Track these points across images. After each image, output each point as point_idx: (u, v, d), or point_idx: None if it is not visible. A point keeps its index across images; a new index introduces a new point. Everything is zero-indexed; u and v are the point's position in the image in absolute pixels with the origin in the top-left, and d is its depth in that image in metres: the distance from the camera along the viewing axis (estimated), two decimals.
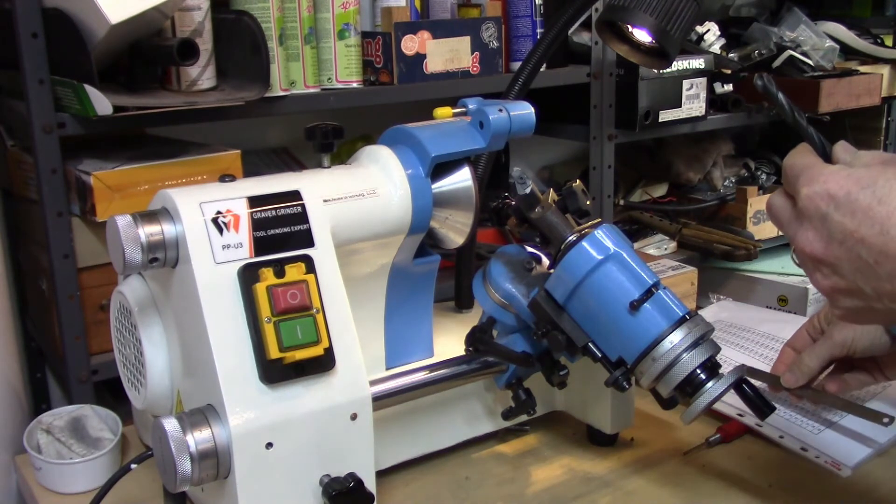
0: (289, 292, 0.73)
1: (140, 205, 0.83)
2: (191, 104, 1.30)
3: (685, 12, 0.92)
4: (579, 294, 0.77)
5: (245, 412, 0.71)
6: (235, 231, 0.74)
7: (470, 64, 1.65)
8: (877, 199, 0.59)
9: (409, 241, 0.86)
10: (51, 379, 1.70)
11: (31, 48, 1.22)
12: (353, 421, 0.75)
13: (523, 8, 1.76)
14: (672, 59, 0.96)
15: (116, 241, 0.72)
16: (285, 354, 0.71)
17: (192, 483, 0.70)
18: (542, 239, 0.82)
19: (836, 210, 0.61)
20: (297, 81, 1.48)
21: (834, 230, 0.61)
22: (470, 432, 0.94)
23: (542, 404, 0.94)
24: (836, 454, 0.90)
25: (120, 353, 0.86)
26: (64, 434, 0.93)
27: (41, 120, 1.25)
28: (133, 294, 0.80)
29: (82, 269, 1.32)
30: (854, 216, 0.60)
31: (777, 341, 1.12)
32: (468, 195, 0.87)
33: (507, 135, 0.87)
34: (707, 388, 0.74)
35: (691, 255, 1.99)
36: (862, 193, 0.60)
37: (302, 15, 1.46)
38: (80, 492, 0.89)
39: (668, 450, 0.95)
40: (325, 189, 0.80)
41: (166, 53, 1.25)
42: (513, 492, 0.88)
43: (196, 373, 0.75)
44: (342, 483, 0.73)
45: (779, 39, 2.13)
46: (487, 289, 0.88)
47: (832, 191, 0.61)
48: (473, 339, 0.89)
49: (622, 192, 2.14)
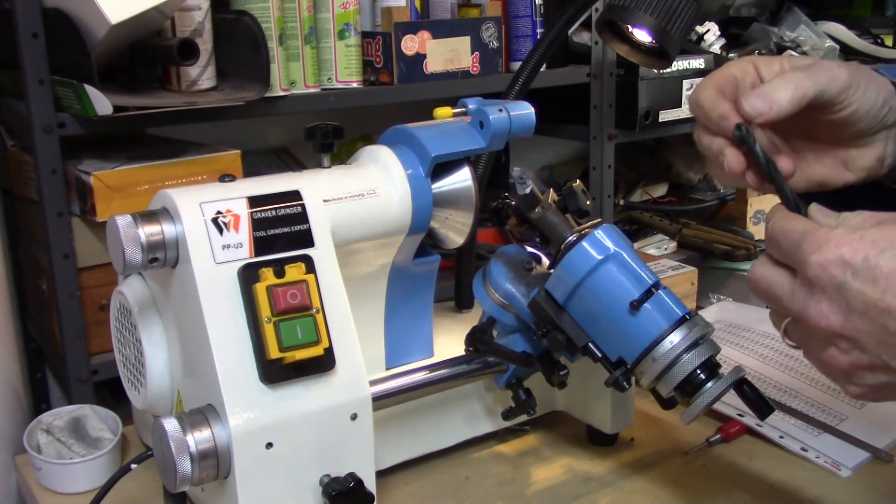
0: (289, 292, 0.73)
1: (140, 205, 0.83)
2: (191, 104, 1.30)
3: (685, 12, 0.92)
4: (579, 294, 0.77)
5: (245, 412, 0.71)
6: (235, 231, 0.74)
7: (470, 64, 1.65)
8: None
9: (409, 241, 0.86)
10: (51, 379, 1.70)
11: (31, 48, 1.22)
12: (353, 421, 0.75)
13: (523, 8, 1.76)
14: (672, 59, 0.96)
15: (116, 241, 0.72)
16: (285, 354, 0.71)
17: (192, 483, 0.70)
18: (542, 239, 0.82)
19: (854, 278, 0.54)
20: (297, 81, 1.48)
21: (854, 300, 0.54)
22: (470, 432, 0.94)
23: (542, 404, 0.94)
24: (835, 455, 0.90)
25: (120, 353, 0.86)
26: (64, 434, 0.93)
27: (41, 120, 1.25)
28: (133, 294, 0.80)
29: (82, 269, 1.33)
30: (876, 283, 0.54)
31: (777, 341, 1.12)
32: (468, 195, 0.87)
33: (507, 135, 0.87)
34: (707, 388, 0.74)
35: (691, 255, 1.99)
36: (882, 258, 0.54)
37: (302, 15, 1.46)
38: (80, 492, 0.89)
39: (668, 450, 0.95)
40: (325, 189, 0.80)
41: (166, 53, 1.25)
42: (513, 492, 0.88)
43: (196, 373, 0.75)
44: (342, 483, 0.73)
45: (779, 39, 2.13)
46: (487, 289, 0.88)
47: (847, 256, 0.55)
48: (473, 339, 0.89)
49: (622, 192, 2.14)
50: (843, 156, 0.71)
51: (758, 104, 0.65)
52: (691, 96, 0.70)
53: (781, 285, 0.59)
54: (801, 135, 0.72)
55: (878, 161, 0.70)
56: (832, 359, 0.57)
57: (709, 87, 0.68)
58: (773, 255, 0.60)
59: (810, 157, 0.72)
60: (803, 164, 0.71)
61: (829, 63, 0.67)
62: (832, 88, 0.65)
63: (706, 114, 0.67)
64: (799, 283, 0.57)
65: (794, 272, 0.58)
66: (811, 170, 0.72)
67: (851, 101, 0.67)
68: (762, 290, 0.60)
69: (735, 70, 0.69)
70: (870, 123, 0.68)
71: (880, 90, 0.68)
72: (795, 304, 0.57)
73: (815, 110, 0.67)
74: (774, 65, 0.69)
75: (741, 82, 0.68)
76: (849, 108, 0.67)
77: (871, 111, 0.68)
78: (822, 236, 0.56)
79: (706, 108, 0.67)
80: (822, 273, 0.55)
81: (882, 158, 0.70)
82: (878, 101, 0.68)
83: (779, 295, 0.59)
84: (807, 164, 0.72)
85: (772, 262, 0.60)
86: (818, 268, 0.55)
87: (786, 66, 0.68)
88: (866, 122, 0.68)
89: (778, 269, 0.59)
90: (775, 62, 0.69)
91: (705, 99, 0.68)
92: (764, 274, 0.60)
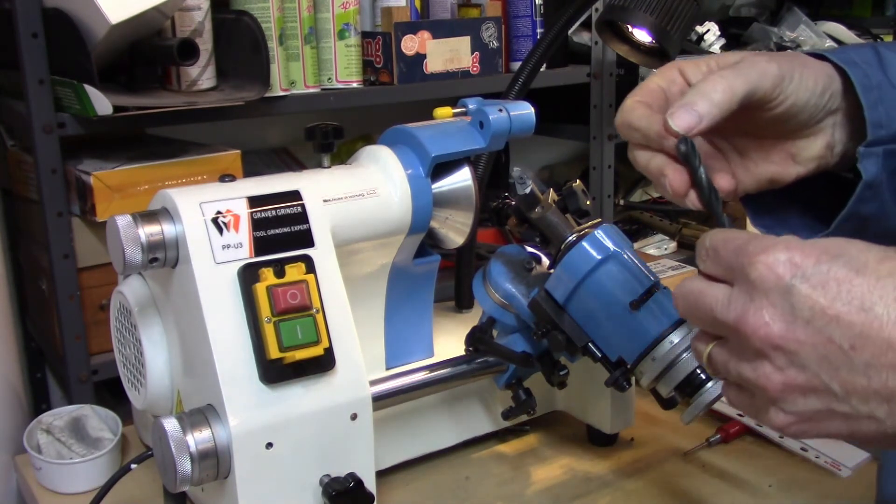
0: (289, 292, 0.73)
1: (140, 205, 0.83)
2: (191, 104, 1.30)
3: (685, 12, 0.92)
4: (579, 294, 0.77)
5: (245, 412, 0.71)
6: (235, 231, 0.74)
7: (470, 64, 1.65)
8: (854, 270, 0.48)
9: (409, 241, 0.86)
10: (51, 379, 1.70)
11: (31, 48, 1.22)
12: (353, 421, 0.75)
13: (523, 8, 1.76)
14: (672, 59, 0.96)
15: (116, 241, 0.72)
16: (285, 354, 0.71)
17: (192, 483, 0.70)
18: (542, 239, 0.82)
19: (803, 281, 0.48)
20: (297, 81, 1.48)
21: (800, 306, 0.48)
22: (470, 432, 0.94)
23: (542, 404, 0.94)
24: (835, 455, 0.90)
25: (120, 353, 0.86)
26: (64, 434, 0.93)
27: (41, 120, 1.25)
28: (133, 294, 0.80)
29: (82, 269, 1.32)
30: (827, 289, 0.47)
31: None
32: (468, 195, 0.87)
33: (507, 135, 0.87)
34: (707, 388, 0.74)
35: (691, 255, 1.98)
36: (835, 263, 0.48)
37: (302, 15, 1.46)
38: (80, 492, 0.89)
39: (668, 450, 0.95)
40: (325, 189, 0.80)
41: (166, 53, 1.25)
42: (513, 492, 0.88)
43: (196, 373, 0.75)
44: (342, 483, 0.73)
45: (779, 39, 2.13)
46: (487, 289, 0.88)
47: (797, 259, 0.49)
48: (473, 339, 0.89)
49: (622, 192, 2.14)
50: (790, 149, 0.66)
51: (684, 118, 0.58)
52: (618, 119, 0.63)
53: (715, 296, 0.51)
54: (742, 133, 0.67)
55: (828, 149, 0.66)
56: (763, 378, 0.49)
57: (637, 106, 0.62)
58: (708, 271, 0.53)
59: (756, 156, 0.67)
60: (749, 164, 0.67)
61: (758, 57, 0.62)
62: (764, 84, 0.60)
63: (644, 134, 0.61)
64: (738, 290, 0.51)
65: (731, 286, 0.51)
66: (759, 168, 0.67)
67: (787, 95, 0.62)
68: (691, 304, 0.53)
69: (659, 81, 0.64)
70: (812, 113, 0.64)
71: (818, 76, 0.63)
72: (731, 312, 0.50)
73: (750, 109, 0.62)
74: (701, 66, 0.64)
75: (668, 92, 0.63)
76: (786, 102, 0.62)
77: (811, 100, 0.63)
78: (768, 240, 0.50)
79: (641, 128, 0.61)
80: (768, 273, 0.49)
81: (831, 146, 0.66)
82: (816, 88, 0.63)
83: (711, 306, 0.51)
84: (753, 163, 0.67)
85: (705, 277, 0.53)
86: (764, 267, 0.49)
87: (713, 66, 0.63)
88: (808, 111, 0.64)
89: (712, 283, 0.52)
90: (702, 63, 0.64)
91: (636, 119, 0.62)
92: (695, 287, 0.53)
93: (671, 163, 0.61)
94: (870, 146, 0.64)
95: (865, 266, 0.48)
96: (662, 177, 0.61)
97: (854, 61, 0.64)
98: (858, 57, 0.65)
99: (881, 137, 0.64)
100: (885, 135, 0.64)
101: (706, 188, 0.59)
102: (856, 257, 0.48)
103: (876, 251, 0.49)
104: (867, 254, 0.48)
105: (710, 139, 0.66)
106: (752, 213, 0.71)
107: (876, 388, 0.46)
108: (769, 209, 0.71)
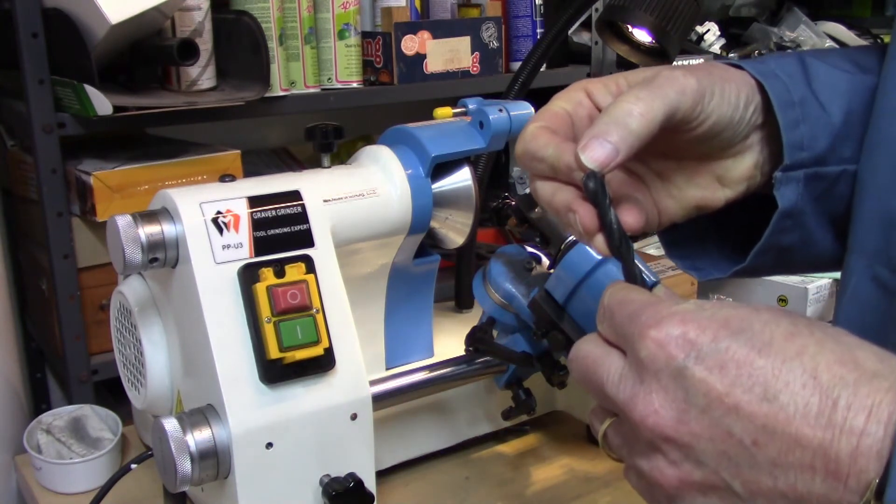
0: (289, 292, 0.73)
1: (140, 205, 0.83)
2: (191, 104, 1.30)
3: (685, 12, 0.92)
4: (579, 294, 0.77)
5: (245, 412, 0.71)
6: (235, 231, 0.74)
7: (470, 64, 1.65)
8: (756, 350, 0.41)
9: (409, 241, 0.86)
10: (51, 379, 1.70)
11: (31, 48, 1.22)
12: (353, 421, 0.75)
13: (523, 8, 1.76)
14: (672, 59, 0.96)
15: (116, 241, 0.72)
16: (285, 354, 0.71)
17: (192, 483, 0.70)
18: (542, 239, 0.82)
19: (697, 362, 0.41)
20: (297, 81, 1.48)
21: (693, 392, 0.41)
22: (470, 432, 0.94)
23: (542, 404, 0.94)
24: None
25: (120, 353, 0.86)
26: (64, 434, 0.93)
27: (41, 120, 1.25)
28: (133, 294, 0.80)
29: (82, 269, 1.33)
30: (725, 372, 0.41)
31: None
32: (468, 195, 0.87)
33: (507, 135, 0.87)
34: None
35: None
36: (735, 341, 0.41)
37: (302, 15, 1.46)
38: (80, 492, 0.89)
39: None
40: (325, 189, 0.80)
41: (166, 53, 1.25)
42: (513, 492, 0.88)
43: (196, 373, 0.75)
44: (342, 483, 0.73)
45: (779, 39, 2.13)
46: (487, 289, 0.88)
47: (692, 335, 0.42)
48: (473, 339, 0.89)
49: None
50: (715, 170, 0.59)
51: (598, 152, 0.49)
52: (519, 148, 0.54)
53: (608, 370, 0.45)
54: (661, 155, 0.59)
55: (756, 168, 0.59)
56: (657, 472, 0.43)
57: (540, 133, 0.53)
58: (604, 333, 0.47)
59: (679, 180, 0.60)
60: (673, 190, 0.60)
61: (674, 72, 0.53)
62: (684, 103, 0.52)
63: (550, 164, 0.52)
64: (629, 367, 0.44)
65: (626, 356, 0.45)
66: (683, 195, 0.60)
67: (709, 113, 0.54)
68: (583, 372, 0.47)
69: (564, 104, 0.56)
70: (736, 129, 0.57)
71: (740, 88, 0.56)
72: (621, 392, 0.44)
73: (669, 130, 0.53)
74: (610, 85, 0.56)
75: (575, 116, 0.55)
76: (708, 121, 0.55)
77: (735, 116, 0.56)
78: (664, 309, 0.44)
79: (547, 157, 0.52)
80: (658, 353, 0.42)
81: (759, 165, 0.59)
82: (738, 101, 0.56)
83: (602, 381, 0.45)
84: (677, 188, 0.60)
85: (602, 340, 0.47)
86: (655, 345, 0.42)
87: (622, 85, 0.56)
88: (731, 129, 0.56)
89: (608, 349, 0.46)
90: (610, 82, 0.57)
91: (540, 148, 0.52)
92: (590, 352, 0.47)
93: (579, 198, 0.51)
94: (787, 170, 0.58)
95: (770, 344, 0.41)
96: (570, 213, 0.51)
97: (774, 73, 0.58)
98: (780, 68, 0.59)
99: (801, 160, 0.58)
100: (806, 157, 0.58)
101: (616, 233, 0.50)
102: (759, 333, 0.41)
103: (785, 324, 0.42)
104: (774, 329, 0.42)
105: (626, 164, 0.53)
106: (666, 243, 0.66)
107: (783, 490, 0.40)
108: (686, 237, 0.65)
